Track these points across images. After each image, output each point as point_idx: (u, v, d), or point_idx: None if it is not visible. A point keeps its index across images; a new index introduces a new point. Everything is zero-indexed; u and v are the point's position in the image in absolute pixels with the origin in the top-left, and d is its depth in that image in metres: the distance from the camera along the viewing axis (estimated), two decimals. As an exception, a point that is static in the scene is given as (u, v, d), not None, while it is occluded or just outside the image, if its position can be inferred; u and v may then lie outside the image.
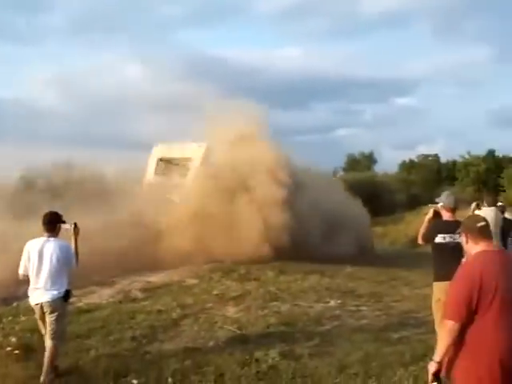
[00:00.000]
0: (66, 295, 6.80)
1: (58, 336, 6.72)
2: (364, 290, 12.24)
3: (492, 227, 7.97)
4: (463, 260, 5.63)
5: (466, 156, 64.30)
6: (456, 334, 4.01)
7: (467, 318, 3.99)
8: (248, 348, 7.80)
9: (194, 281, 13.11)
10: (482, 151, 63.86)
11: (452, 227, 6.93)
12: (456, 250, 6.60)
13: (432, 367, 4.14)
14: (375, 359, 7.37)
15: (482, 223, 4.32)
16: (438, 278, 7.02)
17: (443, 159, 68.70)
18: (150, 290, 11.83)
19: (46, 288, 6.67)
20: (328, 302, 10.94)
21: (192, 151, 19.33)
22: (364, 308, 10.57)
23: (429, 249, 7.36)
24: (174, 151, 20.64)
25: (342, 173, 61.43)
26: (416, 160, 69.75)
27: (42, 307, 6.70)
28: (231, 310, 10.15)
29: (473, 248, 4.28)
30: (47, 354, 6.69)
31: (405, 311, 10.22)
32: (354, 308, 10.52)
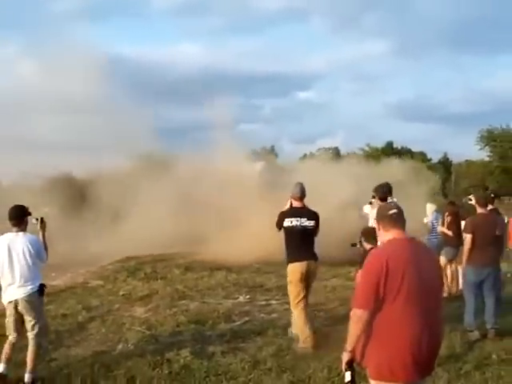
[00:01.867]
0: (41, 289, 6.55)
1: (41, 333, 6.49)
2: (272, 284, 12.28)
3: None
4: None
5: (366, 148, 65.98)
6: (365, 322, 4.00)
7: (375, 306, 3.97)
8: (159, 348, 7.63)
9: (99, 282, 12.78)
10: (380, 143, 65.65)
11: (299, 213, 7.82)
12: (304, 234, 7.80)
13: (345, 357, 4.13)
14: (288, 353, 7.38)
15: (394, 211, 4.33)
16: (289, 261, 7.83)
17: (343, 152, 70.22)
18: (54, 294, 11.32)
19: (21, 284, 6.40)
20: (237, 298, 10.94)
21: None
22: (273, 302, 10.60)
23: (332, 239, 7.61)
24: None
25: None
26: (316, 153, 70.91)
27: (16, 304, 6.41)
28: (139, 311, 9.92)
29: (384, 235, 4.29)
30: (31, 351, 6.42)
31: (314, 303, 10.24)
32: (263, 302, 10.55)
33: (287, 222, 7.79)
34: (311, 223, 7.82)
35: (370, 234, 7.25)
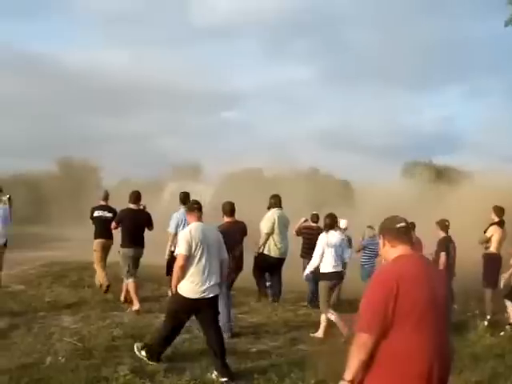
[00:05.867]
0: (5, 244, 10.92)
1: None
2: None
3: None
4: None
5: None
6: (370, 348, 3.52)
7: (383, 331, 3.52)
8: (94, 364, 6.93)
9: (21, 286, 11.84)
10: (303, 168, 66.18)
11: (103, 208, 11.81)
12: (106, 221, 11.41)
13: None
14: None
15: (402, 224, 3.85)
16: (95, 237, 11.68)
17: (267, 174, 70.35)
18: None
19: None
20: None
21: None
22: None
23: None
24: None
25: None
26: (241, 173, 70.91)
27: None
28: (68, 320, 9.14)
29: (390, 252, 3.83)
30: None
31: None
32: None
33: (96, 213, 11.75)
34: (110, 214, 11.61)
35: None
